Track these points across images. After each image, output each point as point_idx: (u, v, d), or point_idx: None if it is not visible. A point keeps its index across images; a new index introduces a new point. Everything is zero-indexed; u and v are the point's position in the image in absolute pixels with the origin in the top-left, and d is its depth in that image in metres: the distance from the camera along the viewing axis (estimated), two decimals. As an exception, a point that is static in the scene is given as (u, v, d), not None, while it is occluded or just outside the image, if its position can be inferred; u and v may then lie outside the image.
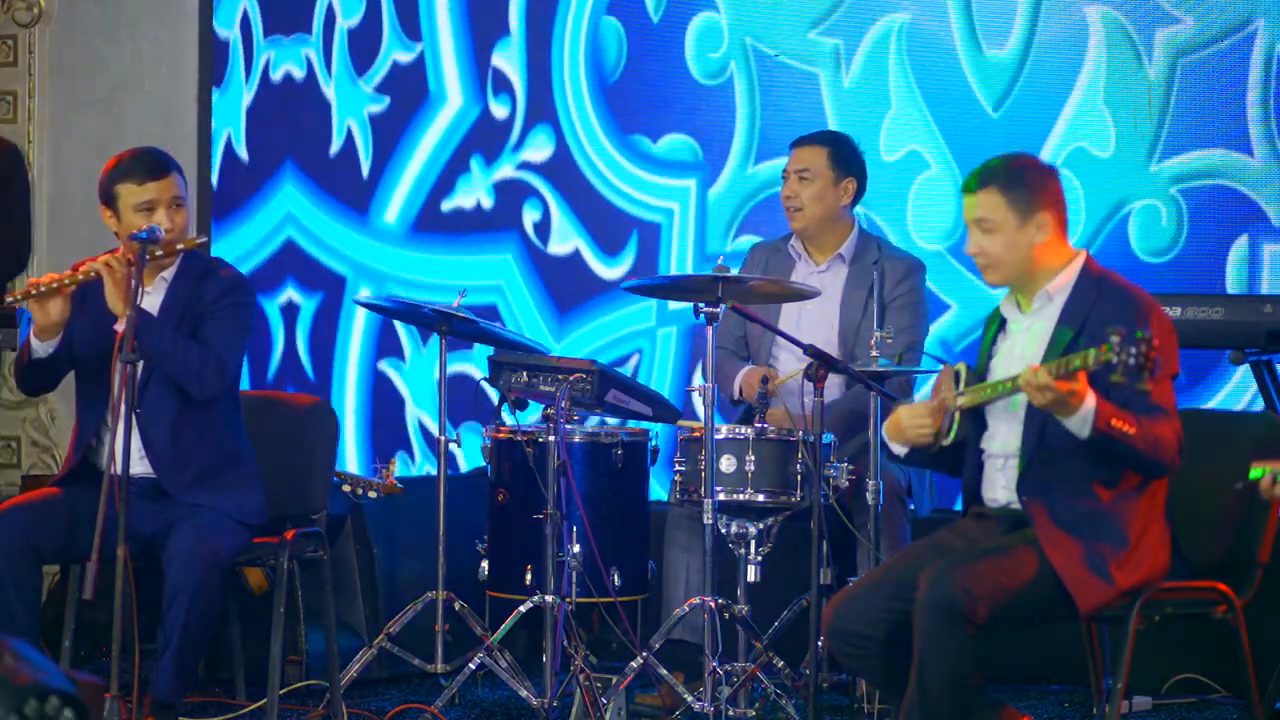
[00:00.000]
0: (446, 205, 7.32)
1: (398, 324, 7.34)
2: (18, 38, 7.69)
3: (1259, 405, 6.25)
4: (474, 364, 7.18)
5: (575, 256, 7.20)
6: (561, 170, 7.19)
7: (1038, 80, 6.60)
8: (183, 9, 7.55)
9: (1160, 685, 5.75)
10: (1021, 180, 4.51)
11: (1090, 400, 4.22)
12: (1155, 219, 6.46)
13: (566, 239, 7.21)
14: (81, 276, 4.89)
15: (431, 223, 7.34)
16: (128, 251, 4.86)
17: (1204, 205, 6.44)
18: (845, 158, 5.92)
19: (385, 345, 7.42)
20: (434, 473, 5.88)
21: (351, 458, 7.42)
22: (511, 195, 7.25)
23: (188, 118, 7.53)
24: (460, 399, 7.06)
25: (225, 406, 5.08)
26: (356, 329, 7.45)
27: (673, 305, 7.00)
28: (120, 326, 4.81)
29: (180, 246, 4.97)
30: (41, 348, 4.97)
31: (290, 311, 7.51)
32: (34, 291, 4.88)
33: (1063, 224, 4.53)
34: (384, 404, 7.42)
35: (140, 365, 4.67)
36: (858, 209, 6.00)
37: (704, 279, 5.25)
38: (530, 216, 7.23)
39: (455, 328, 5.91)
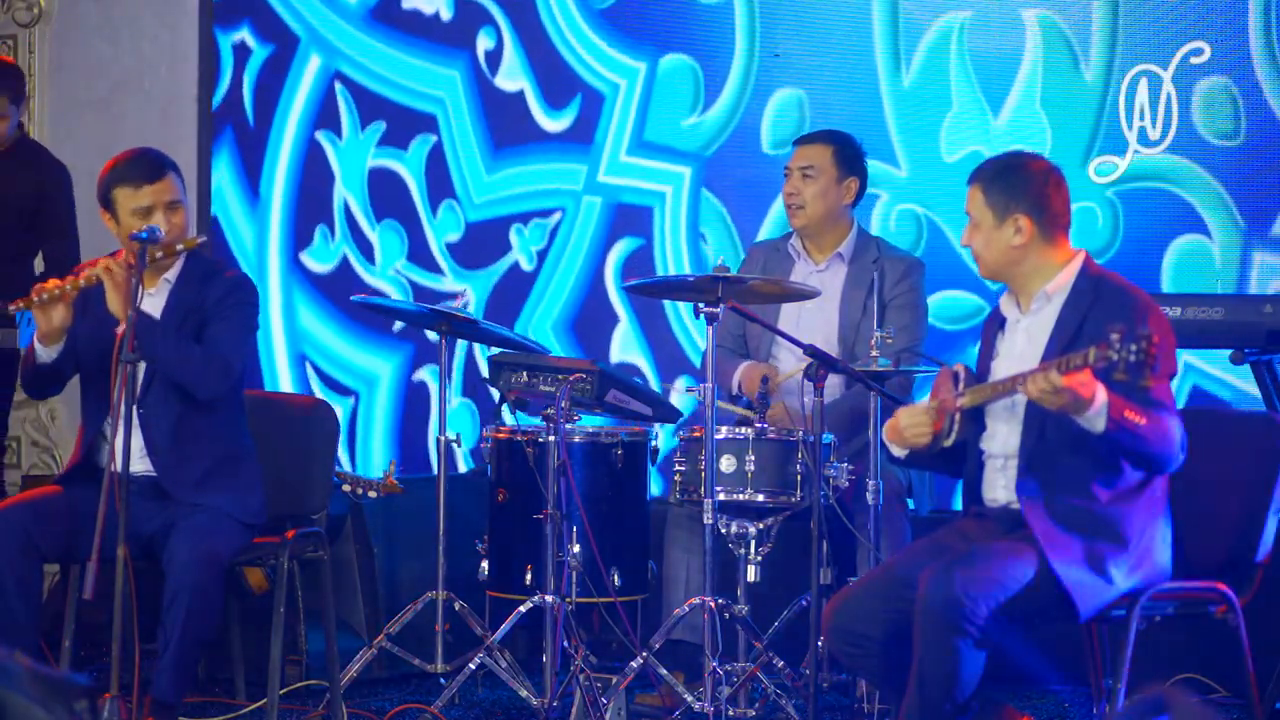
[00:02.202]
0: (407, 3, 7.39)
1: (340, 102, 7.46)
2: (18, 38, 7.69)
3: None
4: (404, 164, 7.35)
5: (519, 97, 7.27)
6: (522, 9, 7.25)
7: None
8: (183, 9, 7.55)
9: (1160, 685, 5.74)
10: (1004, 181, 4.55)
11: (1102, 393, 4.22)
12: (1091, 222, 6.47)
13: (514, 77, 7.28)
14: (84, 282, 4.89)
15: (389, 16, 7.42)
16: (129, 254, 4.86)
17: (1139, 207, 6.47)
18: (849, 157, 5.93)
19: (325, 118, 7.51)
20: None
21: (275, 232, 7.53)
22: (470, 16, 7.32)
23: (188, 118, 7.53)
24: (383, 194, 7.38)
25: (229, 407, 5.08)
26: (301, 91, 7.52)
27: (604, 177, 7.14)
28: (122, 330, 4.82)
29: (180, 247, 4.97)
30: (46, 353, 4.97)
31: (242, 52, 7.56)
32: (37, 299, 4.88)
33: (1054, 226, 4.53)
34: (313, 176, 7.52)
35: (142, 366, 4.67)
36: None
37: (704, 279, 5.24)
38: (483, 44, 7.30)
39: (455, 328, 5.91)
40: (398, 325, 7.38)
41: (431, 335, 5.89)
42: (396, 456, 7.40)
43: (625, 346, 7.14)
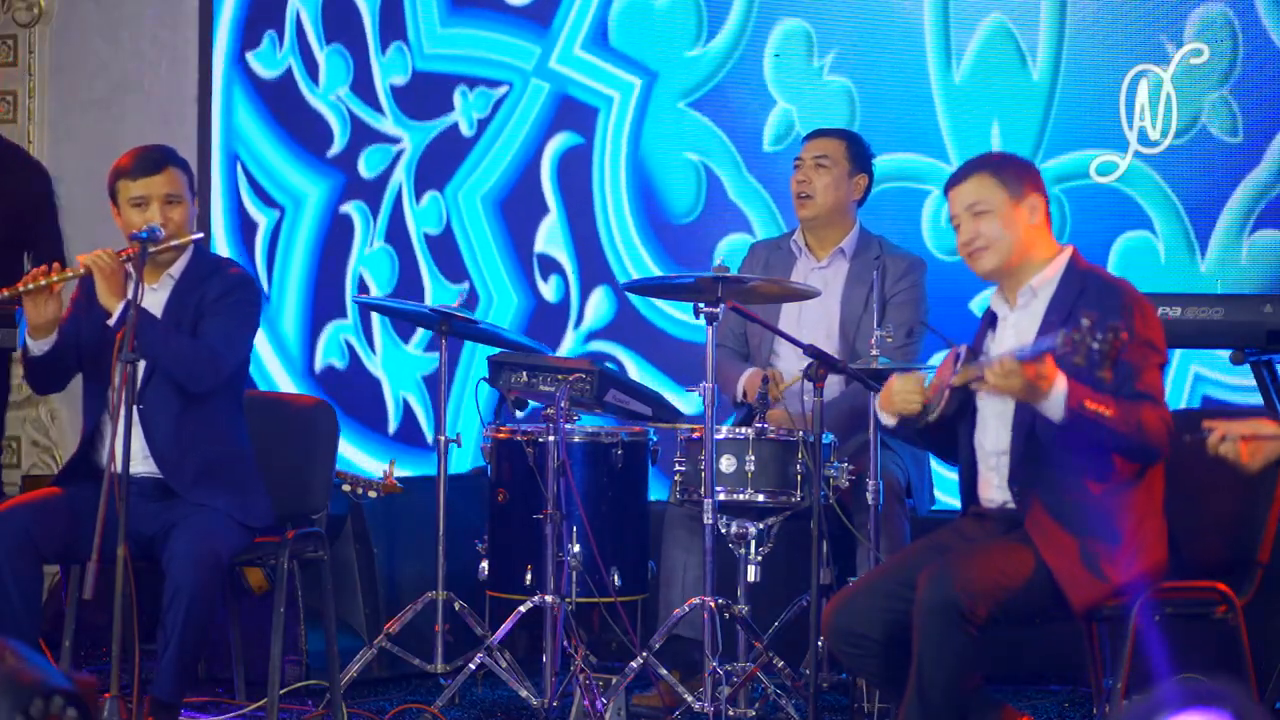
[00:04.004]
0: None
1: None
2: (18, 38, 7.69)
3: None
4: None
5: None
6: None
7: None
8: (183, 9, 7.55)
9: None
10: (1009, 166, 4.60)
11: (1061, 383, 4.25)
12: None
13: None
14: (70, 273, 4.89)
15: None
16: (131, 248, 4.86)
17: (1086, 205, 6.48)
18: (861, 155, 5.98)
19: None
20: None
21: (225, 23, 7.54)
22: None
23: (188, 118, 7.54)
24: (336, 17, 7.37)
25: (227, 407, 5.07)
26: None
27: (555, 64, 7.16)
28: (112, 322, 4.82)
29: (174, 243, 4.97)
30: (36, 345, 4.96)
31: None
32: (23, 289, 4.88)
33: (1049, 215, 4.57)
34: None
35: (141, 364, 4.67)
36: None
37: (704, 279, 5.25)
38: None
39: (455, 327, 5.92)
40: (332, 151, 7.41)
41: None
42: (312, 285, 7.45)
43: (550, 239, 7.18)
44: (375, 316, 7.35)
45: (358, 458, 7.31)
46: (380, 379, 7.40)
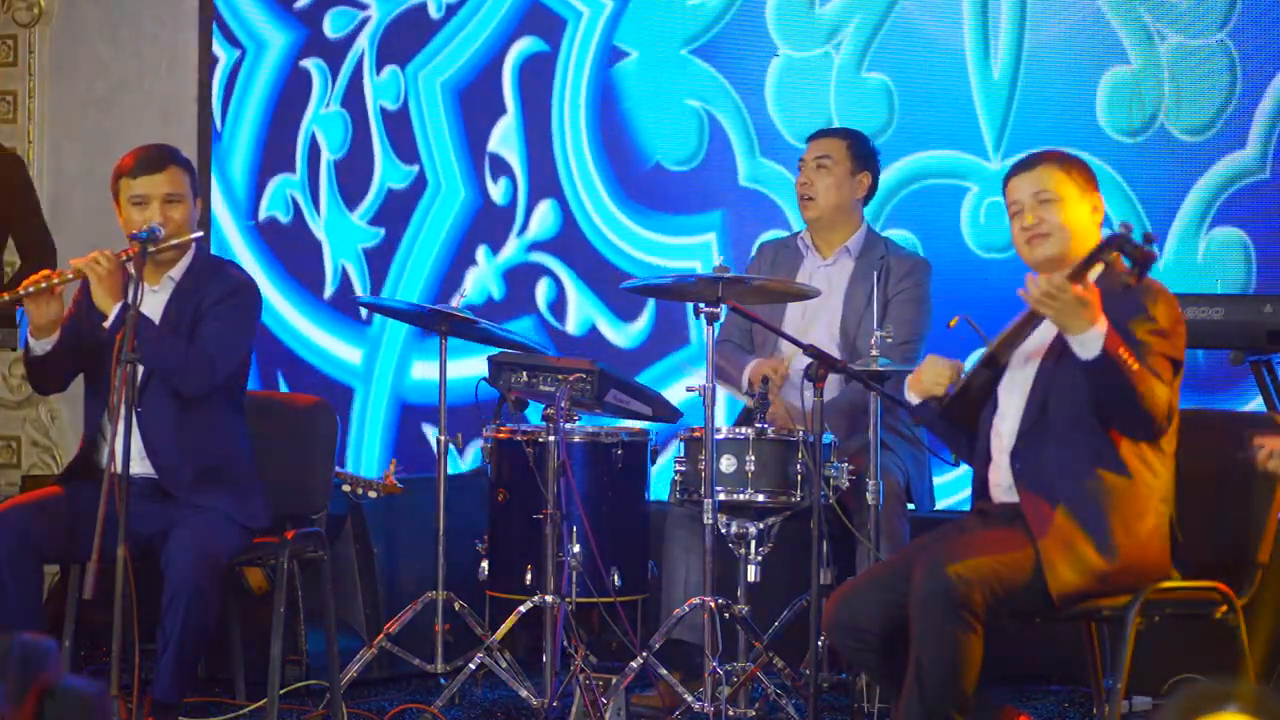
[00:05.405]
0: None
1: None
2: (18, 38, 7.69)
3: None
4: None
5: None
6: None
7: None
8: (183, 9, 7.55)
9: (1160, 685, 5.74)
10: (1077, 162, 4.64)
11: (1103, 322, 4.29)
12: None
13: None
14: (71, 274, 4.89)
15: None
16: (131, 248, 4.86)
17: None
18: (863, 153, 5.98)
19: None
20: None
21: None
22: None
23: (188, 118, 7.54)
24: None
25: (226, 410, 5.07)
26: None
27: None
28: (108, 324, 4.81)
29: (174, 242, 4.97)
30: (38, 345, 4.96)
31: None
32: (24, 291, 4.88)
33: (1104, 218, 4.60)
34: None
35: (140, 366, 4.66)
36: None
37: (704, 278, 5.25)
38: None
39: (455, 328, 5.92)
40: (299, 3, 7.41)
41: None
42: (264, 133, 7.46)
43: (504, 140, 7.19)
44: (324, 176, 7.36)
45: (291, 315, 7.40)
46: (321, 241, 7.42)
